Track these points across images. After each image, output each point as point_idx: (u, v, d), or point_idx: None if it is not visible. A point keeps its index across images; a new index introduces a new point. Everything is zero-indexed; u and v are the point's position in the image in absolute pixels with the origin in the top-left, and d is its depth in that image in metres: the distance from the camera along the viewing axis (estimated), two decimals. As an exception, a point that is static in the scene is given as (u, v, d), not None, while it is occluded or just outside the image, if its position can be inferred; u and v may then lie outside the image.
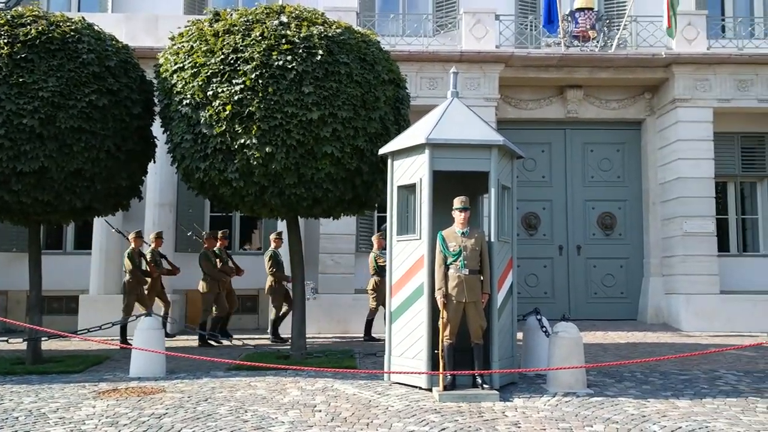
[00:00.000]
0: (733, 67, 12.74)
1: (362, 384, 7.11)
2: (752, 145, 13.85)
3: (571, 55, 12.65)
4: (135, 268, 10.37)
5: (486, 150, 7.02)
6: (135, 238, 10.65)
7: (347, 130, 7.84)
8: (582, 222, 13.68)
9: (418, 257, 7.03)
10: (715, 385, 7.15)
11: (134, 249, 10.59)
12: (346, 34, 8.07)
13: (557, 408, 6.06)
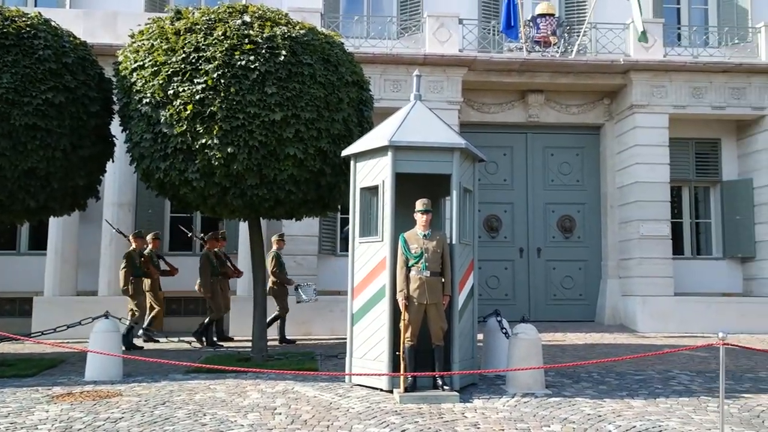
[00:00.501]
0: (689, 74, 13.09)
1: (323, 386, 7.09)
2: (706, 151, 14.24)
3: (533, 60, 12.83)
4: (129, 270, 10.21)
5: (448, 153, 7.07)
6: (135, 239, 10.51)
7: (310, 131, 7.81)
8: (542, 225, 13.89)
9: (380, 259, 7.05)
10: (669, 385, 7.33)
11: (135, 249, 10.44)
12: (310, 35, 8.04)
13: (516, 408, 6.14)
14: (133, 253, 10.38)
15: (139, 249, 10.51)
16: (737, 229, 13.71)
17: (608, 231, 13.73)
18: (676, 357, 9.25)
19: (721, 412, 5.14)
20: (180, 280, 11.42)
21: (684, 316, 12.39)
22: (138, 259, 10.39)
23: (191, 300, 12.95)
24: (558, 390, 6.94)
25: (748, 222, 13.48)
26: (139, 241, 10.54)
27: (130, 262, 10.26)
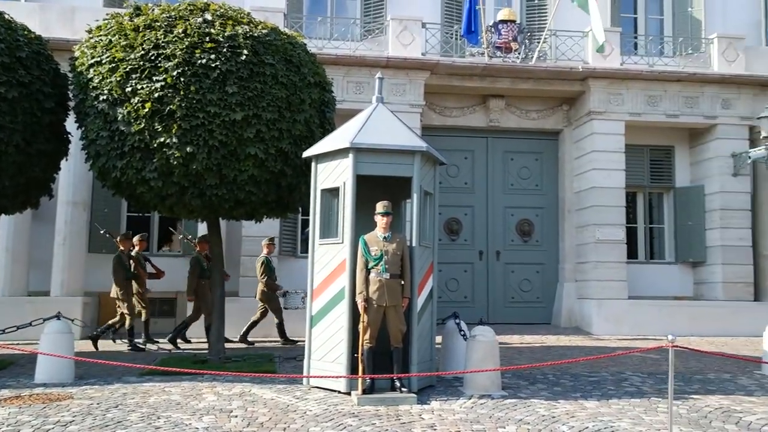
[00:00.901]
0: (644, 82, 13.41)
1: (281, 388, 7.05)
2: (660, 158, 14.60)
3: (494, 65, 12.98)
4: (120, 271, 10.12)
5: (409, 156, 7.11)
6: (123, 240, 10.37)
7: (271, 131, 7.77)
8: (502, 228, 14.06)
9: (340, 261, 7.05)
10: (621, 386, 7.49)
11: (123, 251, 10.30)
12: (273, 34, 8.00)
13: (472, 410, 6.20)
14: (122, 255, 10.28)
15: (127, 251, 10.41)
16: (689, 234, 14.09)
17: (565, 235, 13.97)
18: (629, 359, 9.46)
19: (669, 413, 5.27)
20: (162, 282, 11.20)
21: (637, 319, 12.69)
22: (127, 261, 10.29)
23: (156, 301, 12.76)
24: (514, 391, 7.03)
25: (700, 228, 13.87)
26: (127, 243, 10.44)
27: (120, 265, 10.16)
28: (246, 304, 11.50)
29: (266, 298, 10.80)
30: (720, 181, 13.56)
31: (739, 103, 13.65)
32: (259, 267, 10.80)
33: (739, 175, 13.54)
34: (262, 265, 10.78)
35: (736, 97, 13.64)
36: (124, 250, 10.33)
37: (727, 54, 13.65)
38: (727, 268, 13.40)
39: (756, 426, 5.81)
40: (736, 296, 13.28)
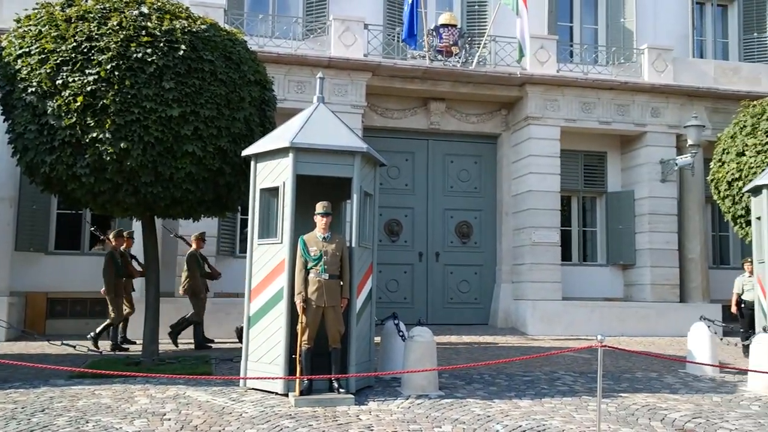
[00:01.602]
0: (579, 89, 13.81)
1: (216, 390, 6.93)
2: (594, 163, 15.06)
3: (435, 68, 13.12)
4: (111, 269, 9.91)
5: (350, 156, 7.11)
6: (116, 238, 10.21)
7: (210, 129, 7.63)
8: (441, 230, 14.21)
9: (278, 261, 6.98)
10: (554, 385, 7.68)
11: (116, 249, 10.10)
12: (212, 30, 7.87)
13: (409, 410, 6.25)
14: (114, 254, 10.08)
15: (119, 249, 10.22)
16: (620, 237, 14.58)
17: (503, 237, 14.24)
18: (562, 358, 9.71)
19: (598, 410, 5.44)
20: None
21: (570, 319, 13.05)
22: (119, 259, 10.10)
23: (78, 301, 12.35)
24: (451, 391, 7.12)
25: (630, 231, 14.37)
26: (119, 241, 10.29)
27: (113, 263, 9.96)
28: (182, 304, 11.25)
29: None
30: (649, 187, 14.09)
31: (667, 111, 14.22)
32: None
33: (666, 181, 14.09)
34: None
35: (665, 106, 14.21)
36: (116, 248, 10.18)
37: (657, 64, 14.19)
38: (654, 270, 13.93)
39: (680, 423, 6.05)
40: (663, 297, 13.82)
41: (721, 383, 8.05)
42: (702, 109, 14.28)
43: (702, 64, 14.88)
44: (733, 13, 16.22)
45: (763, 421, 6.18)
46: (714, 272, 14.85)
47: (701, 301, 13.92)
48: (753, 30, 15.92)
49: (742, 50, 15.96)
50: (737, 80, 14.65)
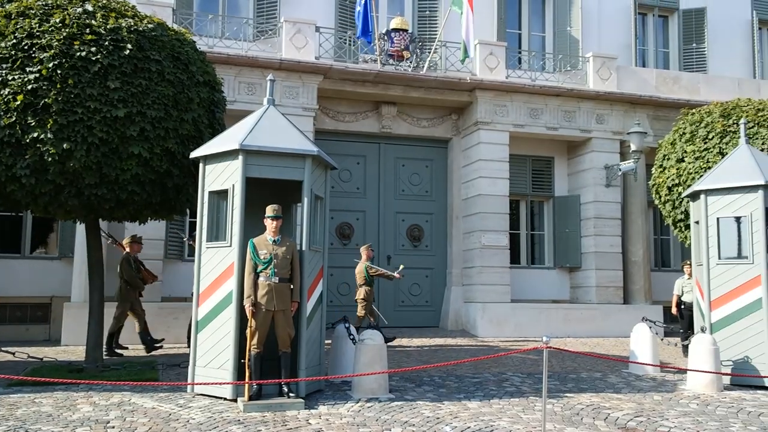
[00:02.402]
0: (527, 96, 14.07)
1: (163, 397, 6.80)
2: (541, 168, 15.36)
3: (387, 72, 13.18)
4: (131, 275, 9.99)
5: (300, 159, 7.08)
6: (131, 243, 10.25)
7: (157, 130, 7.49)
8: (393, 233, 14.27)
9: (227, 265, 6.90)
10: (503, 386, 7.80)
11: (130, 254, 10.14)
12: (159, 30, 7.73)
13: (359, 413, 6.25)
14: (129, 259, 10.11)
15: (134, 254, 10.25)
16: (566, 241, 14.90)
17: (453, 240, 14.39)
18: (510, 360, 9.87)
19: (543, 410, 5.55)
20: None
21: (519, 321, 13.26)
22: (134, 264, 10.08)
23: (18, 306, 11.96)
24: (401, 394, 7.15)
25: (576, 235, 14.71)
26: (135, 246, 10.30)
27: (128, 268, 10.02)
28: (127, 309, 11.01)
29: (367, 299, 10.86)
30: (594, 191, 14.45)
31: (611, 118, 14.62)
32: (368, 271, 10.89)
33: (611, 186, 14.48)
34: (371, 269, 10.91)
35: (609, 112, 14.61)
36: (131, 254, 10.19)
37: (602, 72, 14.58)
38: (599, 273, 14.28)
39: (622, 421, 6.22)
40: (608, 299, 14.19)
41: (662, 382, 8.31)
42: (644, 116, 14.73)
43: (644, 72, 15.35)
44: (674, 24, 16.79)
45: (701, 419, 6.41)
46: (656, 274, 15.32)
47: (644, 303, 14.34)
48: (692, 41, 16.51)
49: (682, 60, 16.54)
50: (677, 89, 15.17)
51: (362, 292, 10.99)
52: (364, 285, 11.00)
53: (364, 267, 11.07)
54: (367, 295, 10.96)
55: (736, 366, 8.10)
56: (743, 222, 8.34)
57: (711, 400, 7.29)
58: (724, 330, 8.26)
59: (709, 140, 10.30)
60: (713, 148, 10.16)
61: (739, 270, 8.25)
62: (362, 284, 11.01)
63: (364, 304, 10.99)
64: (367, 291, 10.96)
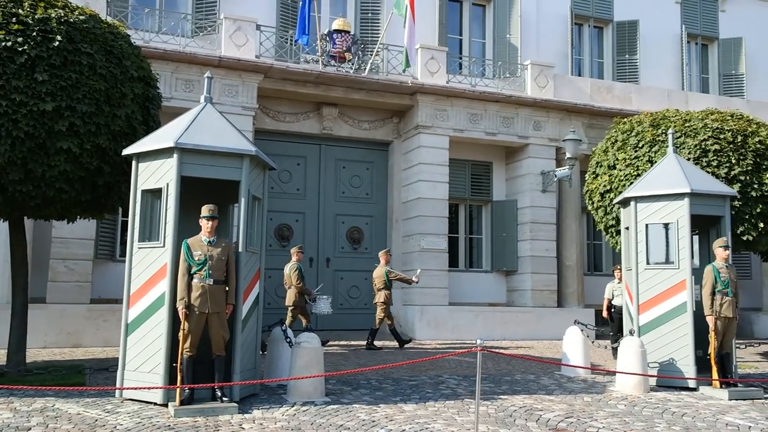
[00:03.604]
0: (467, 101, 14.26)
1: (89, 402, 6.55)
2: (480, 173, 15.59)
3: (328, 73, 13.12)
4: None
5: (238, 159, 6.95)
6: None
7: (88, 125, 7.24)
8: (332, 235, 14.21)
9: (160, 266, 6.70)
10: (439, 389, 7.85)
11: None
12: (91, 22, 7.47)
13: (295, 417, 6.17)
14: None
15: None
16: (503, 245, 15.16)
17: (393, 243, 14.43)
18: (447, 362, 9.95)
19: (476, 413, 5.60)
20: None
21: (456, 324, 13.40)
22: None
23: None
24: (337, 397, 7.10)
25: (512, 239, 14.98)
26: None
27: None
28: (53, 311, 10.59)
29: (295, 304, 10.84)
30: (530, 197, 14.76)
31: (548, 125, 14.97)
32: (293, 274, 10.85)
33: (546, 192, 14.82)
34: (297, 271, 10.86)
35: (546, 120, 14.95)
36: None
37: (539, 80, 14.92)
38: (535, 276, 14.59)
39: (553, 422, 6.35)
40: (542, 303, 14.50)
41: (592, 384, 8.53)
42: (579, 124, 15.14)
43: (580, 81, 15.79)
44: (608, 35, 17.33)
45: (628, 419, 6.60)
46: (588, 278, 15.76)
47: (576, 306, 14.73)
48: (625, 52, 17.08)
49: (615, 70, 17.09)
50: (611, 98, 15.67)
51: (382, 295, 11.39)
52: (383, 289, 11.39)
53: (384, 271, 11.43)
54: (387, 299, 11.37)
55: (662, 368, 8.39)
56: (670, 228, 8.65)
57: (638, 401, 7.52)
58: (651, 333, 8.54)
59: (639, 149, 10.65)
60: (643, 157, 10.51)
61: (666, 275, 8.54)
62: (381, 288, 11.41)
63: (384, 308, 11.35)
64: (386, 295, 11.40)
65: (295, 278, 10.84)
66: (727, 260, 8.26)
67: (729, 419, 6.72)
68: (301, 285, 10.85)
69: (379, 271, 11.52)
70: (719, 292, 8.06)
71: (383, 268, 11.48)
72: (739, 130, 10.22)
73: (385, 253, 11.73)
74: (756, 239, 10.01)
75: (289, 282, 10.93)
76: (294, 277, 10.86)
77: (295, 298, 10.85)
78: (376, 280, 11.47)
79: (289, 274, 10.95)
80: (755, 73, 18.39)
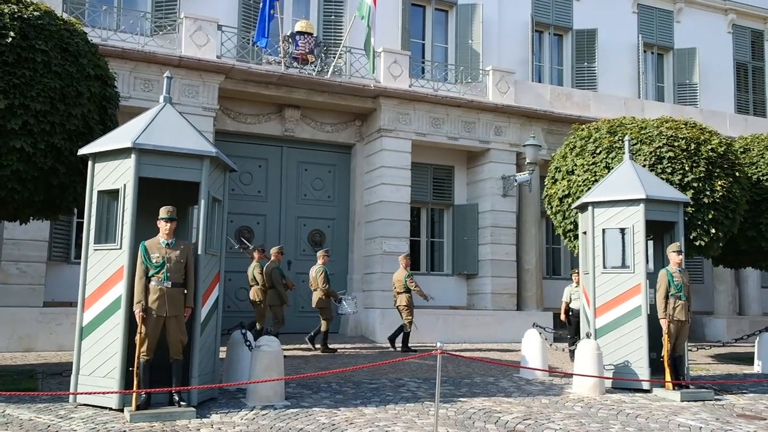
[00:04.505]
0: (430, 105, 14.35)
1: (42, 407, 6.39)
2: (442, 177, 15.69)
3: (290, 75, 13.06)
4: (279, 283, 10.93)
5: (197, 160, 6.87)
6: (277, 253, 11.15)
7: (42, 124, 7.07)
8: (294, 238, 14.12)
9: (117, 268, 6.58)
10: (399, 392, 7.87)
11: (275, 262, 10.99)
12: (46, 18, 7.29)
13: (254, 422, 6.11)
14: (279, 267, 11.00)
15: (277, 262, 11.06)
16: (465, 248, 15.28)
17: (355, 246, 14.42)
18: (407, 365, 9.98)
19: (436, 415, 5.63)
20: None
21: (418, 327, 13.40)
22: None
23: None
24: (297, 401, 7.06)
25: (473, 243, 15.11)
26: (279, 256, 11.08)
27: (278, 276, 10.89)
28: (5, 314, 10.29)
29: (322, 306, 11.26)
30: (491, 201, 14.91)
31: (509, 130, 15.15)
32: (320, 276, 11.25)
33: (507, 196, 15.00)
34: (323, 274, 11.25)
35: (506, 125, 15.14)
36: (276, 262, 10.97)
37: (500, 86, 15.09)
38: (495, 280, 14.74)
39: (511, 425, 6.42)
40: (502, 306, 14.66)
41: (550, 386, 8.66)
42: (539, 129, 15.36)
43: (540, 88, 16.02)
44: (568, 42, 17.65)
45: (584, 421, 6.72)
46: (547, 282, 15.98)
47: (535, 309, 14.92)
48: (584, 60, 17.41)
49: (574, 77, 17.41)
50: (570, 105, 15.94)
51: (403, 299, 11.75)
52: (403, 292, 11.70)
53: (404, 276, 11.74)
54: (408, 302, 11.73)
55: (617, 370, 8.55)
56: (626, 233, 8.84)
57: (594, 402, 7.66)
58: (607, 335, 8.70)
59: (597, 155, 10.85)
60: (600, 163, 10.71)
61: (622, 279, 8.72)
62: (401, 291, 11.73)
63: (408, 311, 11.64)
64: (408, 298, 11.73)
65: (321, 281, 11.27)
66: (680, 265, 8.47)
67: (681, 420, 6.89)
68: (327, 287, 11.27)
69: (399, 274, 11.92)
70: (672, 296, 8.26)
71: (403, 273, 11.89)
72: (693, 138, 10.49)
73: (405, 257, 12.16)
74: (708, 244, 10.28)
75: (315, 284, 11.36)
76: (320, 279, 11.27)
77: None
78: (396, 283, 11.92)
79: (315, 277, 11.36)
80: (708, 82, 18.94)
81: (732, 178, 10.40)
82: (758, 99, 20.09)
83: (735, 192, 10.36)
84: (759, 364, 10.86)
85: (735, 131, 16.35)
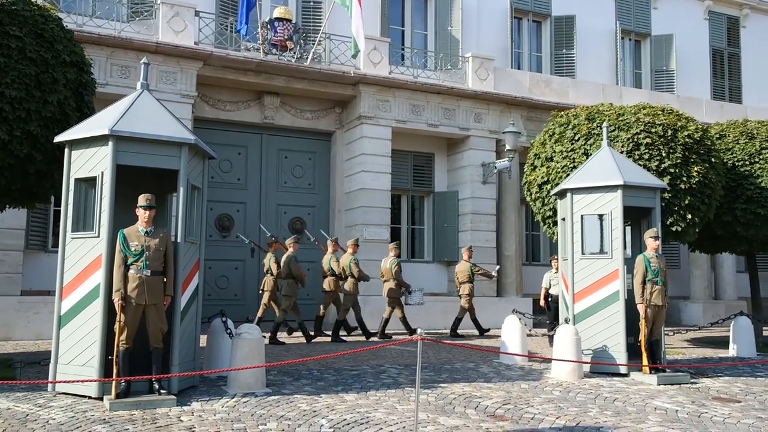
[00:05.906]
0: (410, 92, 14.34)
1: (20, 396, 6.34)
2: (422, 164, 15.72)
3: (269, 62, 12.97)
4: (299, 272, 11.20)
5: (176, 148, 6.81)
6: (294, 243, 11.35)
7: (17, 111, 6.98)
8: (274, 225, 14.08)
9: (95, 256, 6.52)
10: (380, 378, 7.91)
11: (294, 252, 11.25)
12: (20, 4, 7.18)
13: (235, 409, 6.13)
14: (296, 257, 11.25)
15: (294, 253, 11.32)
16: (445, 235, 15.35)
17: (336, 233, 14.40)
18: (389, 352, 10.04)
19: (416, 401, 5.67)
20: None
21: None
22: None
23: None
24: (278, 388, 7.08)
25: (454, 229, 15.18)
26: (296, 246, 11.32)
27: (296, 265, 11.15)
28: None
29: (393, 295, 11.86)
30: (471, 188, 14.98)
31: (488, 117, 15.20)
32: (394, 268, 11.85)
33: (487, 183, 15.07)
34: (398, 266, 11.89)
35: (486, 112, 15.18)
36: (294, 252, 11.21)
37: (480, 72, 15.12)
38: (475, 266, 14.81)
39: (491, 409, 6.50)
40: (483, 292, 14.74)
41: (529, 371, 8.76)
42: (518, 116, 15.44)
43: (519, 74, 16.08)
44: (546, 29, 17.71)
45: (563, 405, 6.82)
46: (526, 268, 16.13)
47: (515, 296, 15.06)
48: (563, 46, 17.49)
49: (553, 64, 17.48)
50: (549, 92, 16.02)
51: (466, 288, 12.53)
52: (467, 282, 12.52)
53: (469, 266, 12.49)
54: (471, 291, 12.51)
55: (596, 355, 8.67)
56: (605, 219, 8.93)
57: (572, 387, 7.77)
58: (585, 321, 8.81)
59: (575, 141, 10.93)
60: (579, 149, 10.79)
61: (600, 264, 8.82)
62: (465, 281, 12.53)
63: (469, 299, 12.47)
64: (470, 287, 12.52)
65: (396, 272, 11.86)
66: (657, 250, 8.58)
67: (657, 403, 7.02)
68: (401, 278, 11.89)
69: (463, 266, 12.69)
70: (650, 281, 8.37)
71: (467, 263, 12.59)
72: (670, 124, 10.60)
73: (468, 249, 12.86)
74: (684, 230, 10.42)
75: (388, 275, 11.86)
76: (395, 271, 11.75)
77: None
78: (459, 274, 12.65)
79: (389, 268, 11.93)
80: (685, 69, 19.13)
81: (708, 164, 10.53)
82: (734, 85, 20.35)
83: (711, 178, 10.50)
84: (734, 347, 11.07)
85: (711, 117, 16.56)
